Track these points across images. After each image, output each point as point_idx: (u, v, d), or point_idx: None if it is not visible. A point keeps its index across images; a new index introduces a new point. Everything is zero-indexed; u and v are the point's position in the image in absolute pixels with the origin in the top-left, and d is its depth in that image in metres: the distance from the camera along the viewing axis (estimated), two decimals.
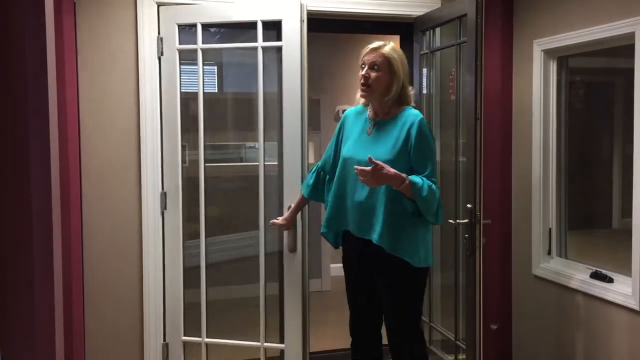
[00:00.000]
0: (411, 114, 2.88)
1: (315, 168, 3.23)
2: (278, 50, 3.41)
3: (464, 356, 3.45)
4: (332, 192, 3.04)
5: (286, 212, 3.34)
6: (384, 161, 2.71)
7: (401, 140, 2.83)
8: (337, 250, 3.00)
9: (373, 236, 2.84)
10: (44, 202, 1.80)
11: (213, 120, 5.68)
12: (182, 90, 3.50)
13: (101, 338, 3.47)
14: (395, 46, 2.95)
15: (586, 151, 3.88)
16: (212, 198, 4.42)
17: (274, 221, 3.30)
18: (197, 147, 3.49)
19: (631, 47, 2.99)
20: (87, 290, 3.44)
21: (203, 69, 3.43)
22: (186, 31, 3.47)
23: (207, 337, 3.55)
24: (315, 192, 3.21)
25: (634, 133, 2.98)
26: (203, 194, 3.51)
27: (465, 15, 3.28)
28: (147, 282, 3.52)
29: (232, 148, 5.45)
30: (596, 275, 3.33)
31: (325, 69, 6.07)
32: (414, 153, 2.82)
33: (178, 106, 3.47)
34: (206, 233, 3.52)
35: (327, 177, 3.17)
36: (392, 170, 2.71)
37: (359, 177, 2.73)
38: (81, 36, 3.37)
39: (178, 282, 3.53)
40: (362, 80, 2.91)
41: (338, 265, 5.86)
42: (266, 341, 3.49)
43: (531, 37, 3.67)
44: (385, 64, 2.88)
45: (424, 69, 3.87)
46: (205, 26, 3.46)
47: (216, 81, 7.60)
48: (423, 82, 3.90)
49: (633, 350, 3.06)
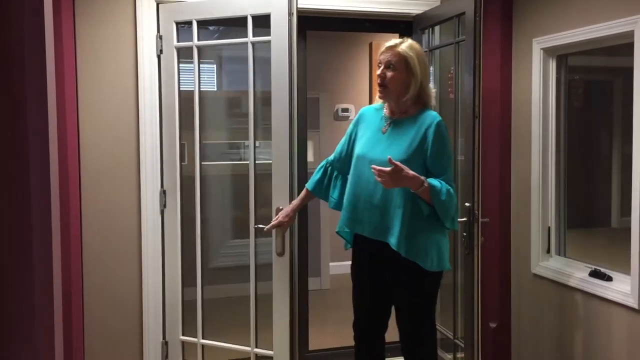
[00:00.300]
0: (429, 115, 2.78)
1: (324, 163, 3.14)
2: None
3: (463, 355, 3.45)
4: (348, 191, 2.94)
5: (281, 211, 3.16)
6: (398, 161, 2.62)
7: (417, 141, 2.75)
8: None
9: (390, 240, 2.75)
10: (43, 201, 1.80)
11: (212, 118, 5.68)
12: (182, 88, 3.50)
13: (100, 336, 3.47)
14: (413, 43, 2.84)
15: (585, 149, 3.88)
16: (210, 196, 4.40)
17: (273, 223, 3.14)
18: (201, 145, 3.46)
19: (630, 46, 2.98)
20: (87, 288, 3.44)
21: (199, 67, 3.41)
22: (186, 30, 3.47)
23: (205, 337, 3.53)
24: (319, 188, 3.11)
25: (633, 132, 2.98)
26: (199, 193, 3.47)
27: (463, 13, 3.28)
28: (147, 280, 3.53)
29: (232, 146, 5.44)
30: (595, 273, 3.33)
31: (324, 68, 6.07)
32: (432, 155, 2.74)
33: (176, 104, 3.47)
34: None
35: (335, 173, 3.09)
36: (412, 172, 2.63)
37: (376, 177, 2.63)
38: (80, 35, 3.37)
39: (177, 281, 3.53)
40: (379, 80, 2.80)
41: (337, 263, 5.92)
42: (261, 344, 3.42)
43: (530, 36, 3.67)
44: (401, 63, 2.77)
45: None
46: (202, 24, 3.43)
47: (215, 79, 7.60)
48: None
49: (632, 348, 3.06)
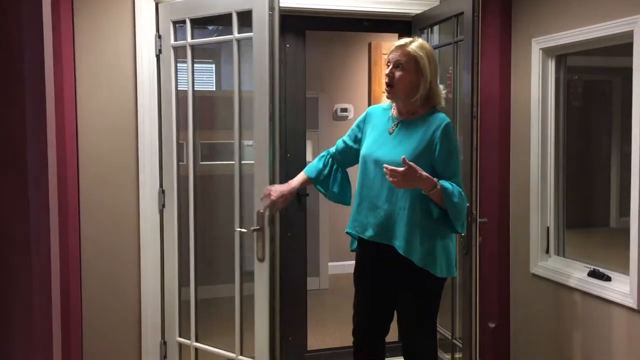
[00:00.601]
0: (438, 117, 2.72)
1: (325, 154, 3.07)
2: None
3: (461, 355, 3.45)
4: (356, 192, 2.89)
5: (275, 189, 2.96)
6: None
7: (424, 142, 2.69)
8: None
9: (395, 242, 2.72)
10: (41, 201, 1.80)
11: (211, 118, 5.67)
12: (181, 88, 3.48)
13: (99, 335, 3.47)
14: (424, 43, 2.77)
15: (584, 150, 3.88)
16: (209, 196, 4.40)
17: (267, 204, 2.93)
18: (194, 145, 3.44)
19: (629, 46, 2.98)
20: (85, 288, 3.44)
21: (193, 66, 3.38)
22: (186, 29, 3.46)
23: (204, 337, 3.50)
24: (318, 177, 3.02)
25: (632, 132, 2.98)
26: (192, 193, 3.43)
27: (462, 13, 3.28)
28: (146, 280, 3.52)
29: (230, 146, 5.44)
30: (594, 273, 3.33)
31: (323, 68, 6.07)
32: (441, 158, 2.68)
33: (173, 104, 3.45)
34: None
35: (336, 166, 3.04)
36: (425, 173, 2.57)
37: (388, 177, 2.56)
38: (79, 34, 3.36)
39: (174, 281, 3.52)
40: (386, 79, 2.73)
41: (336, 263, 5.92)
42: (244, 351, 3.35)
43: (529, 36, 3.67)
44: (410, 63, 2.70)
45: None
46: (198, 23, 3.39)
47: (214, 79, 7.59)
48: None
49: (631, 348, 3.06)
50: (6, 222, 1.76)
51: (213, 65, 7.54)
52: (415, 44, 2.73)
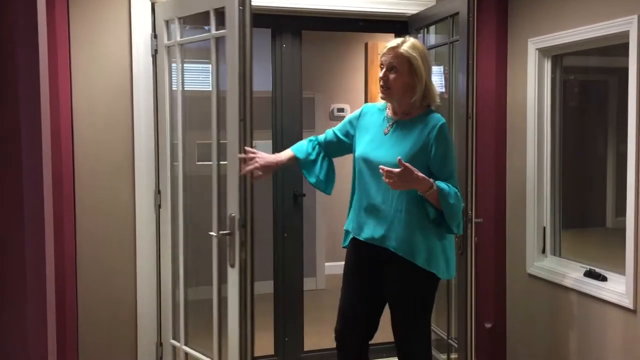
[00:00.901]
0: (433, 118, 2.71)
1: (313, 139, 3.01)
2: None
3: (457, 355, 3.45)
4: (353, 192, 2.89)
5: (261, 157, 2.87)
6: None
7: (420, 143, 2.68)
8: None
9: (394, 245, 2.70)
10: (36, 201, 1.79)
11: (208, 118, 5.66)
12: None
13: (94, 337, 3.46)
14: (416, 42, 2.74)
15: (580, 149, 3.89)
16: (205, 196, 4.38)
17: (249, 168, 2.81)
18: (184, 145, 3.37)
19: (625, 46, 2.99)
20: (81, 289, 3.43)
21: (182, 65, 3.34)
22: (187, 30, 3.43)
23: (196, 339, 3.42)
24: (305, 160, 2.94)
25: (628, 132, 2.98)
26: (182, 194, 3.39)
27: (457, 13, 3.27)
28: (142, 282, 3.52)
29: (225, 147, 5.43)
30: (590, 273, 3.33)
31: (320, 68, 6.06)
32: (437, 159, 2.68)
33: (167, 103, 3.43)
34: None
35: (323, 154, 2.98)
36: (421, 174, 2.56)
37: (384, 179, 2.54)
38: (74, 33, 3.36)
39: (169, 282, 3.50)
40: (381, 82, 2.73)
41: (332, 263, 5.91)
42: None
43: (526, 36, 3.67)
44: (404, 65, 2.69)
45: None
46: (187, 21, 3.31)
47: (211, 80, 7.54)
48: None
49: (627, 348, 3.06)
50: (1, 224, 1.75)
51: (210, 65, 7.50)
52: (407, 45, 2.71)
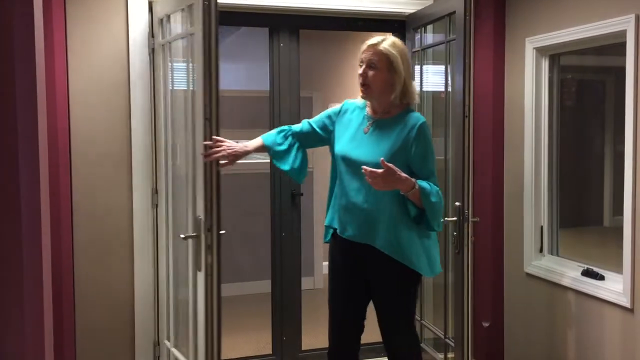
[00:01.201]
0: (413, 117, 2.73)
1: (286, 128, 2.97)
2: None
3: (454, 354, 3.45)
4: (333, 190, 2.92)
5: (230, 144, 2.79)
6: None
7: (400, 142, 2.70)
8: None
9: (379, 243, 2.71)
10: (33, 201, 1.79)
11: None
12: (180, 87, 3.42)
13: (92, 337, 3.45)
14: (396, 40, 2.76)
15: (578, 149, 3.89)
16: None
17: (216, 155, 2.72)
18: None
19: (622, 45, 2.99)
20: (78, 288, 3.42)
21: (172, 64, 3.32)
22: (170, 26, 3.43)
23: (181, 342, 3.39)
24: (276, 150, 2.90)
25: (625, 131, 2.98)
26: (170, 193, 3.38)
27: (454, 12, 3.28)
28: (139, 281, 3.52)
29: None
30: (587, 272, 3.33)
31: (317, 67, 6.06)
32: (418, 158, 2.70)
33: (162, 102, 3.42)
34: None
35: (297, 145, 2.94)
36: (404, 174, 2.58)
37: (367, 179, 2.56)
38: (71, 33, 3.35)
39: (165, 282, 3.49)
40: (360, 79, 2.73)
41: None
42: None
43: (523, 35, 3.67)
44: (384, 62, 2.70)
45: (417, 67, 3.88)
46: (179, 19, 3.34)
47: None
48: (416, 80, 3.90)
49: (624, 347, 3.07)
50: None
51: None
52: (387, 42, 2.71)
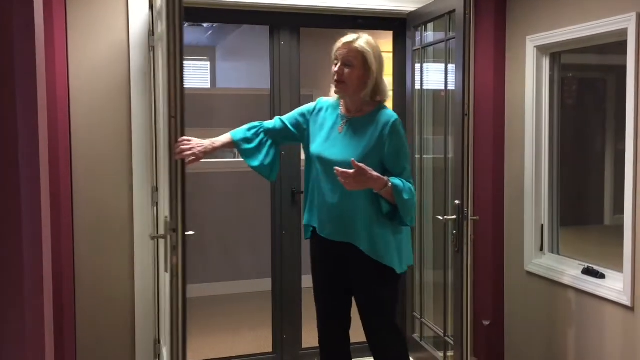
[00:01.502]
0: (386, 114, 2.77)
1: (257, 125, 2.95)
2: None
3: (453, 352, 3.46)
4: (307, 189, 2.94)
5: (198, 143, 2.71)
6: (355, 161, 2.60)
7: (374, 140, 2.73)
8: None
9: (356, 241, 2.76)
10: (33, 199, 1.79)
11: (208, 116, 5.67)
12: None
13: (92, 335, 3.46)
14: (369, 39, 2.81)
15: (578, 147, 3.89)
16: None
17: (186, 154, 2.62)
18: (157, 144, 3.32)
19: (623, 44, 2.98)
20: (78, 287, 3.43)
21: (161, 61, 3.30)
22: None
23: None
24: (245, 147, 2.89)
25: (626, 129, 2.98)
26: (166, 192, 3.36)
27: (454, 10, 3.27)
28: (139, 280, 3.52)
29: None
30: (588, 271, 3.33)
31: (318, 65, 6.05)
32: (391, 155, 2.73)
33: (161, 101, 3.38)
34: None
35: (270, 142, 2.94)
36: (375, 173, 2.62)
37: (340, 179, 2.60)
38: (71, 29, 3.35)
39: (164, 280, 3.49)
40: (336, 77, 2.76)
41: None
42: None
43: (524, 33, 3.67)
44: (359, 60, 2.74)
45: (417, 65, 3.88)
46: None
47: (209, 77, 7.58)
48: (416, 78, 3.90)
49: (625, 345, 3.07)
50: None
51: (208, 62, 7.52)
52: (362, 40, 2.77)
